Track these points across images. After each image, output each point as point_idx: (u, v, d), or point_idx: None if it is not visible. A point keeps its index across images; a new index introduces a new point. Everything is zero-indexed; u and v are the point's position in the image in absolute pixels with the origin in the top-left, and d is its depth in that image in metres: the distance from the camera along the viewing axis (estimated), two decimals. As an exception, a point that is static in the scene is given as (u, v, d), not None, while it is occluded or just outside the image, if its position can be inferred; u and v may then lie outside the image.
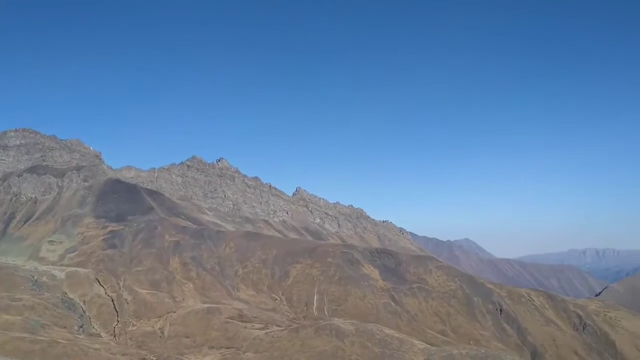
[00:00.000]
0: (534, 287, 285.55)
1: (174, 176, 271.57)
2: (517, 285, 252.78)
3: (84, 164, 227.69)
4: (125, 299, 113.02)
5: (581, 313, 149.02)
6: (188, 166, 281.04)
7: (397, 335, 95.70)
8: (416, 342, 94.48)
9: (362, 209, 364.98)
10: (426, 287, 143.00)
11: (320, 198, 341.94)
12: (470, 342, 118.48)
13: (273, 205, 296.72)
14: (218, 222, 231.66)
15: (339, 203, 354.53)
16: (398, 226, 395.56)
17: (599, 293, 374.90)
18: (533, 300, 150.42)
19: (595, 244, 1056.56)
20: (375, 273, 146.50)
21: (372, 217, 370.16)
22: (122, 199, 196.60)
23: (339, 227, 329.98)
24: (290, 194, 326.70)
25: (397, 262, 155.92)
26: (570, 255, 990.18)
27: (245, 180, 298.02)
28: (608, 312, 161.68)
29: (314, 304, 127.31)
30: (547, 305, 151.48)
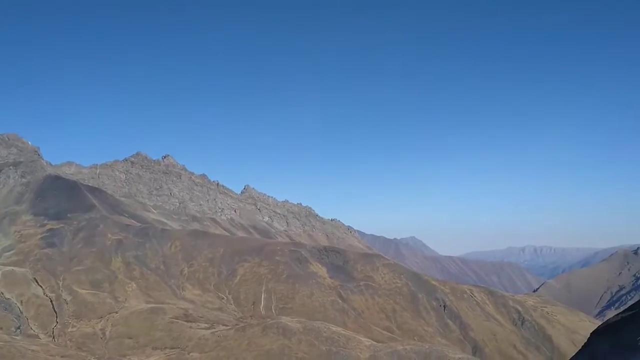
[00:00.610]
0: (476, 283, 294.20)
1: (117, 173, 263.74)
2: (460, 281, 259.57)
3: (22, 160, 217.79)
4: (65, 299, 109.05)
5: (520, 308, 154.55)
6: (132, 163, 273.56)
7: (344, 332, 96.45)
8: (363, 338, 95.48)
9: (310, 208, 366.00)
10: (373, 284, 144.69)
11: (268, 196, 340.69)
12: (415, 338, 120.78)
13: (221, 203, 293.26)
14: (163, 220, 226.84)
15: (287, 201, 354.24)
16: (346, 224, 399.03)
17: (537, 289, 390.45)
18: (475, 297, 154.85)
19: (534, 242, 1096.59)
20: (323, 271, 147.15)
21: (321, 215, 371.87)
22: (61, 196, 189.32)
23: (288, 225, 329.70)
24: (239, 192, 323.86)
25: (345, 260, 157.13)
26: (510, 252, 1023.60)
27: (192, 177, 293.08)
28: (545, 307, 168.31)
29: (261, 303, 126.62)
30: (488, 301, 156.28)
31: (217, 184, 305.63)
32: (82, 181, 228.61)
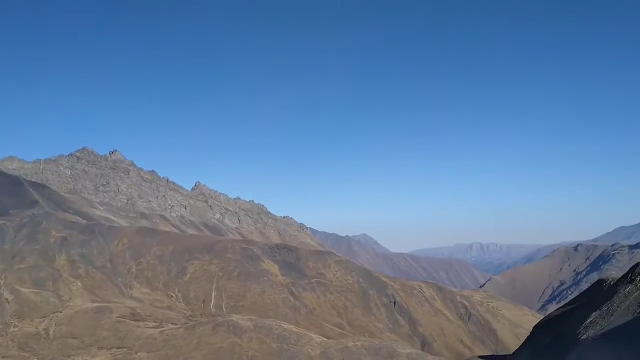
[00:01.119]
0: (425, 279, 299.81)
1: (61, 168, 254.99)
2: (410, 278, 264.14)
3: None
4: (7, 299, 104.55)
5: (467, 303, 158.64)
6: (78, 158, 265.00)
7: (295, 329, 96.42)
8: (314, 335, 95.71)
9: (262, 205, 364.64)
10: (325, 281, 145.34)
11: (220, 193, 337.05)
12: (365, 334, 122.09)
13: (170, 200, 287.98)
14: (110, 217, 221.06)
15: (239, 198, 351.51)
16: (299, 222, 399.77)
17: (483, 284, 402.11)
18: (424, 292, 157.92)
19: (481, 239, 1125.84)
20: (275, 268, 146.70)
21: (273, 212, 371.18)
22: (3, 191, 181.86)
23: (239, 222, 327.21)
24: (189, 189, 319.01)
25: (297, 258, 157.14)
26: (458, 249, 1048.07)
27: (141, 173, 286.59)
28: (491, 302, 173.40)
29: (211, 301, 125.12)
30: (436, 297, 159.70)
31: (167, 180, 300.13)
32: (25, 177, 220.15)
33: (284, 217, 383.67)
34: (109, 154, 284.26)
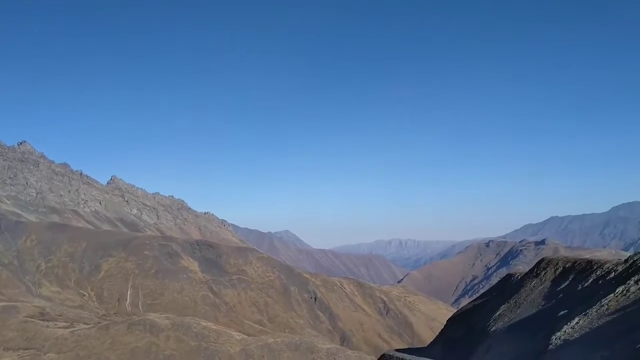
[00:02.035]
0: (346, 275, 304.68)
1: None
2: (331, 274, 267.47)
3: None
4: None
5: (385, 298, 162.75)
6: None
7: (214, 327, 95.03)
8: (234, 333, 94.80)
9: (183, 200, 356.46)
10: (246, 278, 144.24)
11: (138, 188, 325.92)
12: (286, 330, 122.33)
13: (84, 194, 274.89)
14: (18, 211, 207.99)
15: (158, 193, 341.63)
16: (220, 218, 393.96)
17: (401, 280, 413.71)
18: (344, 288, 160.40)
19: (399, 235, 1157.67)
20: (194, 265, 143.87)
21: (194, 208, 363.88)
22: None
23: (158, 218, 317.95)
24: (105, 183, 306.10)
25: (218, 254, 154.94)
26: (378, 245, 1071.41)
27: (52, 166, 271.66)
28: (408, 297, 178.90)
29: (127, 299, 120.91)
30: (356, 292, 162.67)
31: (81, 173, 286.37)
32: None
33: (205, 213, 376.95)
34: (18, 145, 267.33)
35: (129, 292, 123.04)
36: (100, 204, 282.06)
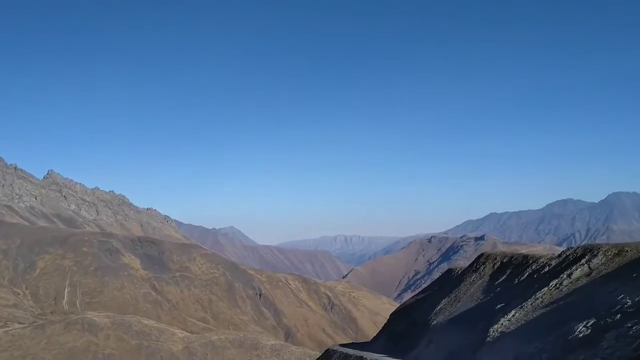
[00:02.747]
0: (291, 271, 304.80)
1: None
2: (277, 270, 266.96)
3: None
4: None
5: (330, 294, 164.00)
6: None
7: (156, 325, 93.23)
8: (176, 331, 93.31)
9: (124, 196, 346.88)
10: (189, 275, 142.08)
11: (76, 182, 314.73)
12: (230, 327, 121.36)
13: (19, 189, 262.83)
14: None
15: (98, 188, 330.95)
16: (163, 214, 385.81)
17: (346, 275, 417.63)
18: (289, 284, 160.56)
19: (345, 231, 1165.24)
20: (136, 262, 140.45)
21: (136, 204, 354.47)
22: None
23: (98, 214, 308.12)
24: (41, 177, 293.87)
25: (160, 251, 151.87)
26: (323, 241, 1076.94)
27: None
28: (352, 292, 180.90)
29: (64, 298, 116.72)
30: (301, 288, 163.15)
31: (15, 167, 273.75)
32: None
33: (147, 208, 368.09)
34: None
35: (66, 290, 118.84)
36: (36, 199, 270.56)
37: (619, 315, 18.23)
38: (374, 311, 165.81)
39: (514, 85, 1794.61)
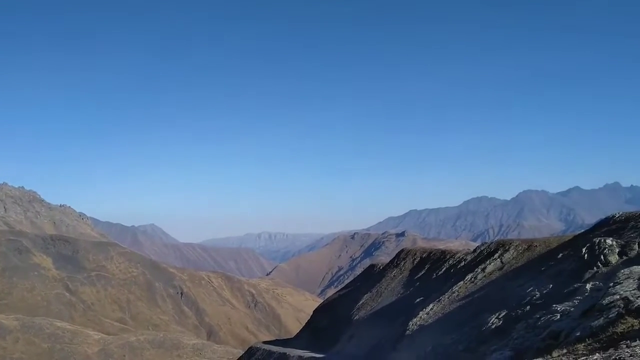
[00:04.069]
0: (214, 269, 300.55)
1: None
2: (199, 268, 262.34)
3: None
4: None
5: (254, 291, 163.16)
6: None
7: (70, 327, 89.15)
8: (91, 332, 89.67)
9: (35, 192, 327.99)
10: (106, 274, 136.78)
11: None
12: (150, 327, 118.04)
13: None
14: None
15: (6, 184, 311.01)
16: (78, 211, 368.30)
17: (270, 272, 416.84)
18: (212, 282, 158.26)
19: (269, 228, 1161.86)
20: (48, 262, 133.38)
21: (48, 201, 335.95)
22: None
23: (5, 211, 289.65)
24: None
25: (75, 250, 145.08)
26: (247, 238, 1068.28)
27: None
28: (276, 289, 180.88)
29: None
30: (224, 286, 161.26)
31: None
32: None
33: (60, 205, 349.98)
34: None
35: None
36: None
37: (528, 307, 19.28)
38: (298, 308, 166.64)
39: (432, 84, 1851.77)
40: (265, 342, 64.62)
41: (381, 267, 58.43)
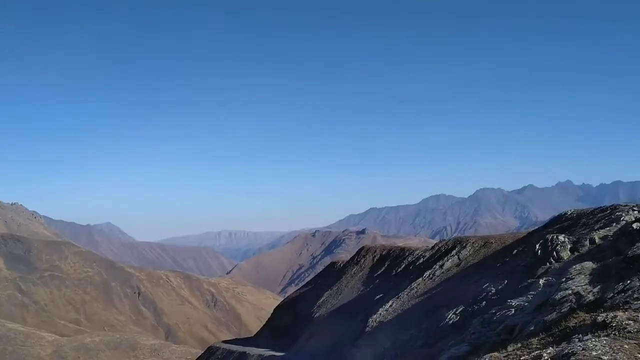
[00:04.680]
0: (173, 268, 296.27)
1: None
2: (157, 267, 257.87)
3: None
4: None
5: (213, 290, 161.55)
6: None
7: (22, 329, 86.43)
8: (45, 334, 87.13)
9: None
10: (60, 274, 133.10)
11: None
12: (106, 328, 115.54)
13: None
14: None
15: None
16: (30, 209, 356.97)
17: (230, 271, 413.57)
18: (171, 282, 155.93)
19: (229, 227, 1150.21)
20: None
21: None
22: None
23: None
24: None
25: (27, 249, 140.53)
26: (207, 237, 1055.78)
27: None
28: (236, 288, 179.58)
29: None
30: (183, 285, 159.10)
31: None
32: None
33: (12, 204, 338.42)
34: None
35: None
36: None
37: (484, 303, 19.69)
38: (258, 306, 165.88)
39: (392, 82, 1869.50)
40: (225, 342, 64.13)
41: (342, 265, 58.73)
